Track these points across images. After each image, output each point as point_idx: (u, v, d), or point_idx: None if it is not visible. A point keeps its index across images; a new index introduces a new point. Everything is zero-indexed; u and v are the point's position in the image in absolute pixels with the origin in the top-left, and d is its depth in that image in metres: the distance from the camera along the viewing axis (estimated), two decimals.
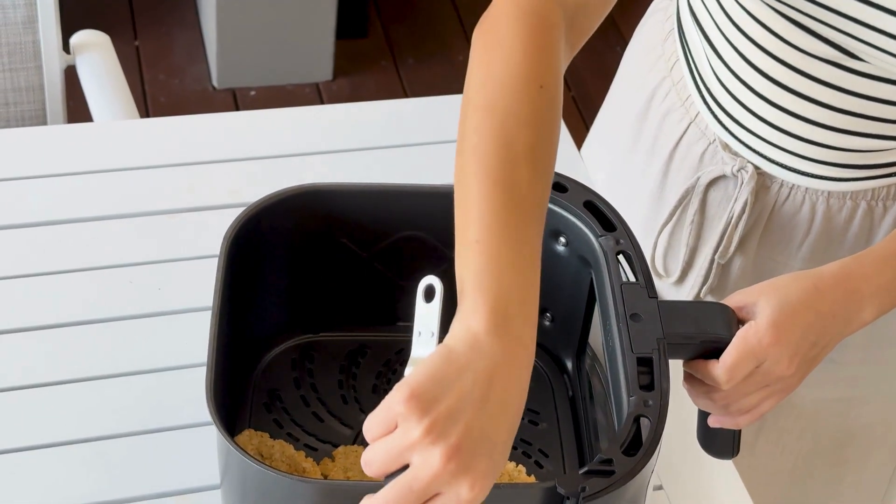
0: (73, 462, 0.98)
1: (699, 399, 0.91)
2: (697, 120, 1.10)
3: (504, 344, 0.74)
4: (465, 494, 0.71)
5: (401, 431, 0.71)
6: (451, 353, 0.73)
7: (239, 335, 0.97)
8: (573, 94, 2.74)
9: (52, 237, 1.15)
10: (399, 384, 0.72)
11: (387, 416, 0.72)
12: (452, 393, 0.72)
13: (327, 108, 1.38)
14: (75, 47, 1.57)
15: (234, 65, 2.60)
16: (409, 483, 0.71)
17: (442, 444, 0.70)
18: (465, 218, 0.79)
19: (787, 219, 1.08)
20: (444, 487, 0.71)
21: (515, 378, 0.75)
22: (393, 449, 0.71)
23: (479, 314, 0.75)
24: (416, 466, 0.71)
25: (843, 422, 1.19)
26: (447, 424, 0.71)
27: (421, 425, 0.70)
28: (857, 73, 0.96)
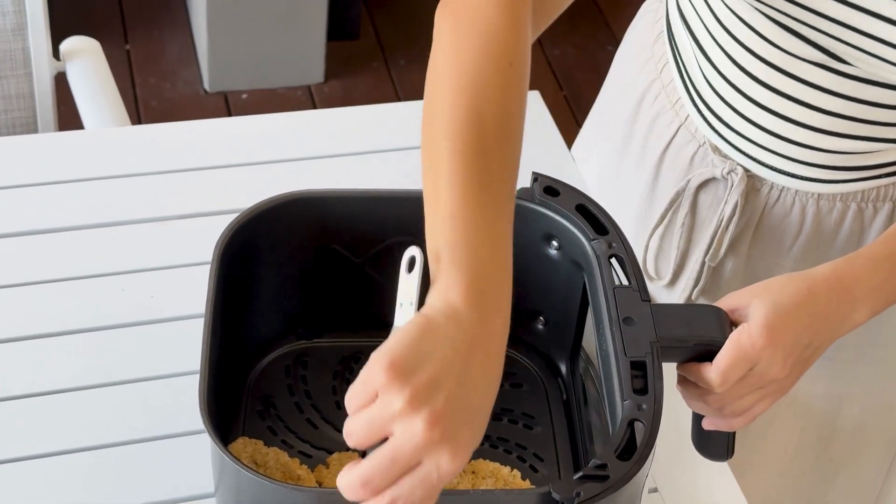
0: (67, 472, 0.98)
1: (693, 402, 0.91)
2: (687, 123, 1.10)
3: (482, 315, 0.74)
4: (446, 465, 0.70)
5: (382, 402, 0.70)
6: (430, 323, 0.73)
7: (232, 342, 0.97)
8: (565, 94, 2.74)
9: (44, 246, 1.15)
10: (377, 354, 0.71)
11: (366, 388, 0.71)
12: (432, 362, 0.71)
13: (319, 112, 1.37)
14: (65, 54, 1.57)
15: (226, 68, 2.60)
16: (392, 453, 0.70)
17: (424, 413, 0.69)
18: (435, 190, 0.79)
19: (777, 221, 1.08)
20: (425, 457, 0.70)
21: (494, 349, 0.75)
22: (375, 420, 0.70)
23: (456, 289, 0.75)
24: (398, 436, 0.70)
25: (833, 419, 1.19)
26: (429, 393, 0.70)
27: (402, 395, 0.69)
28: (844, 76, 0.96)
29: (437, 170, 0.79)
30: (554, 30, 3.17)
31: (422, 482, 0.71)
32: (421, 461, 0.70)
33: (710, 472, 1.03)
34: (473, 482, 0.93)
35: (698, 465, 1.01)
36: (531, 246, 0.98)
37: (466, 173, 0.78)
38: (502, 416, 1.00)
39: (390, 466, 0.70)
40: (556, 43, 2.85)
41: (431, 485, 0.71)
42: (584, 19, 2.87)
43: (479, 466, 0.94)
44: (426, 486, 0.71)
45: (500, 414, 1.01)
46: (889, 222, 1.06)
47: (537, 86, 1.55)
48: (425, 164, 0.81)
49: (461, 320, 0.73)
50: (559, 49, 2.83)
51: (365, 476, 0.70)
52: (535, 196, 0.96)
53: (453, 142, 0.79)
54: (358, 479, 0.70)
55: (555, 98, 2.70)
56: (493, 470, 0.94)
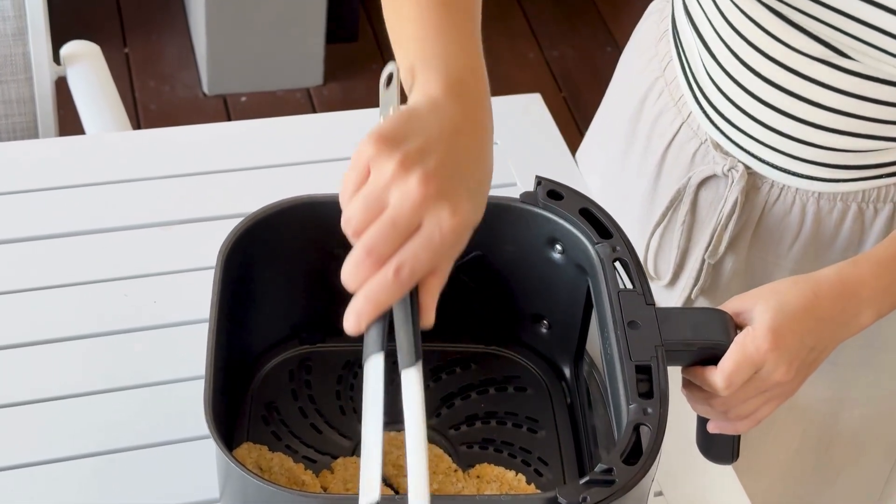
0: (71, 478, 0.98)
1: (698, 405, 0.91)
2: (690, 120, 1.10)
3: (464, 106, 0.74)
4: (447, 221, 0.69)
5: (374, 173, 0.69)
6: (412, 108, 0.73)
7: (236, 347, 0.97)
8: (564, 95, 2.73)
9: (46, 251, 1.14)
10: (365, 136, 0.71)
11: (358, 167, 0.69)
12: (421, 134, 0.71)
13: (321, 116, 1.38)
14: (66, 58, 1.57)
15: (225, 71, 2.59)
16: (391, 217, 0.68)
17: (418, 170, 0.68)
18: (400, 24, 0.79)
19: (777, 220, 1.08)
20: (425, 216, 0.69)
21: (479, 137, 0.74)
22: (370, 194, 0.69)
23: (434, 83, 0.75)
24: (395, 200, 0.68)
25: (833, 422, 1.19)
26: (420, 157, 0.69)
27: (393, 160, 0.68)
28: (848, 73, 0.96)
29: (400, 8, 0.80)
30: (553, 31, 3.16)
31: (425, 243, 0.69)
32: (421, 222, 0.69)
33: (715, 475, 1.03)
34: (478, 487, 0.93)
35: (703, 469, 1.01)
36: (535, 250, 0.98)
37: (429, 5, 0.78)
38: (506, 420, 1.00)
39: (391, 230, 0.68)
40: (555, 45, 2.85)
41: (435, 245, 0.69)
42: (583, 21, 2.87)
43: (484, 471, 0.94)
44: (431, 247, 0.69)
45: (504, 418, 1.00)
46: (889, 224, 1.06)
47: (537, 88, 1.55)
48: (387, 8, 0.81)
49: (444, 109, 0.73)
50: (558, 51, 2.83)
51: (368, 245, 0.68)
52: (538, 200, 0.96)
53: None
54: (362, 249, 0.68)
55: (554, 100, 2.70)
56: (498, 474, 0.94)
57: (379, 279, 0.69)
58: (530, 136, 1.31)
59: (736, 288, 1.13)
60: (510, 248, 0.99)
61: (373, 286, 0.69)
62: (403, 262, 0.68)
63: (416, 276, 0.69)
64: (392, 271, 0.68)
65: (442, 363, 1.03)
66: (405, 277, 0.69)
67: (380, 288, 0.69)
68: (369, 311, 0.70)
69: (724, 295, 1.14)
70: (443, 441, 0.98)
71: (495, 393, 1.02)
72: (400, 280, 0.69)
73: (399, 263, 0.68)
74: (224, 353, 0.91)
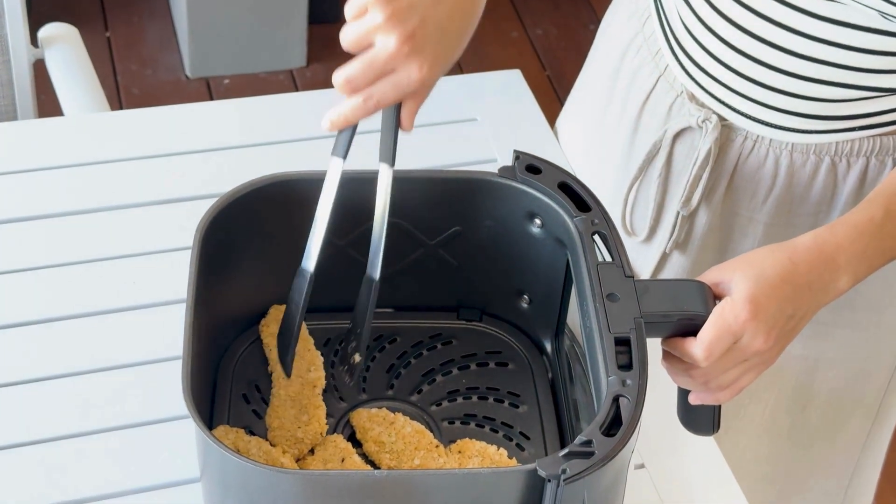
0: (51, 459, 0.97)
1: (678, 377, 0.90)
2: (666, 73, 1.11)
3: None
4: (415, 74, 0.86)
5: (369, 15, 0.86)
6: None
7: (214, 327, 0.96)
8: (548, 74, 2.73)
9: (24, 233, 1.14)
10: None
11: (358, 5, 0.86)
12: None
13: (302, 95, 1.37)
14: (43, 41, 1.56)
15: (207, 53, 2.58)
16: (371, 58, 0.86)
17: (399, 29, 0.85)
18: None
19: (751, 172, 1.09)
20: (398, 65, 0.86)
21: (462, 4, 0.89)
22: (361, 28, 0.86)
23: None
24: (377, 47, 0.86)
25: (808, 382, 1.19)
26: (407, 14, 0.85)
27: (384, 12, 0.85)
28: (822, 19, 0.97)
29: None
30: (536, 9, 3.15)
31: (394, 85, 0.87)
32: (395, 69, 0.86)
33: (696, 447, 1.03)
34: (460, 462, 0.93)
35: (684, 441, 1.01)
36: (514, 224, 0.98)
37: None
38: (488, 396, 1.00)
39: (368, 68, 0.86)
40: (539, 22, 2.84)
41: (402, 88, 0.87)
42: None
43: (466, 446, 0.94)
44: (397, 89, 0.87)
45: (486, 393, 1.00)
46: (862, 178, 1.06)
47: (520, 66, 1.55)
48: None
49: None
50: (541, 29, 2.83)
51: (347, 74, 0.86)
52: (517, 174, 0.96)
53: None
54: (342, 76, 0.86)
55: (538, 78, 2.69)
56: (480, 449, 0.94)
57: (352, 102, 0.88)
58: (510, 111, 1.31)
59: (711, 243, 1.14)
60: (489, 223, 0.99)
61: (346, 105, 0.88)
62: (372, 94, 0.87)
63: (381, 106, 0.88)
64: (363, 98, 0.87)
65: (423, 339, 1.03)
66: (371, 106, 0.88)
67: (350, 108, 0.88)
68: (340, 123, 0.89)
69: (699, 251, 1.14)
70: (424, 417, 0.98)
71: (476, 368, 1.02)
72: (367, 107, 0.88)
73: (368, 94, 0.87)
74: (202, 333, 0.90)
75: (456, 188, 0.98)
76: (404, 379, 1.01)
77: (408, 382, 1.00)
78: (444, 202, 0.99)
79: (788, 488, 1.29)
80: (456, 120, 1.28)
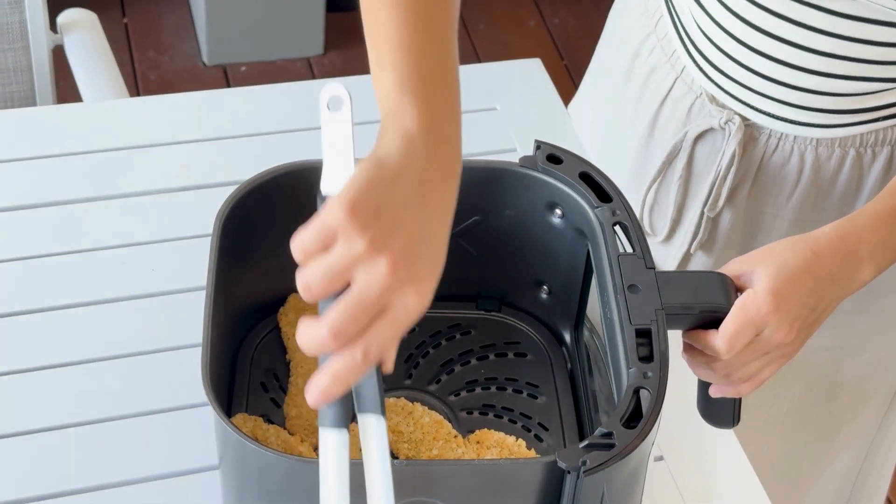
0: (69, 446, 0.98)
1: (699, 369, 0.90)
2: (683, 74, 1.10)
3: (436, 144, 0.74)
4: (413, 303, 0.70)
5: (343, 246, 0.68)
6: (384, 161, 0.72)
7: (234, 315, 0.96)
8: (566, 63, 2.72)
9: (43, 219, 1.14)
10: (334, 198, 0.69)
11: (325, 232, 0.69)
12: (391, 202, 0.70)
13: (319, 82, 1.36)
14: (62, 26, 1.56)
15: (224, 40, 2.58)
16: (359, 298, 0.68)
17: (387, 254, 0.68)
18: (379, 23, 0.79)
19: (776, 170, 1.08)
20: (391, 298, 0.69)
21: (450, 179, 0.75)
22: (336, 265, 0.68)
23: (409, 114, 0.74)
24: (363, 281, 0.68)
25: (834, 372, 1.19)
26: (390, 234, 0.69)
27: (364, 238, 0.68)
28: (839, 15, 0.96)
29: (377, 8, 0.79)
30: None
31: (391, 324, 0.70)
32: (387, 304, 0.69)
33: (716, 439, 1.02)
34: (478, 452, 0.93)
35: (704, 433, 1.00)
36: (534, 214, 0.97)
37: (408, 20, 0.78)
38: (507, 386, 1.00)
39: (359, 312, 0.68)
40: (556, 12, 2.83)
41: (401, 325, 0.70)
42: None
43: (484, 436, 0.94)
44: (396, 328, 0.70)
45: (505, 384, 1.00)
46: (888, 167, 1.06)
47: (538, 55, 1.54)
48: (365, 6, 0.81)
49: (415, 150, 0.73)
50: (559, 18, 2.82)
51: (336, 328, 0.68)
52: (538, 164, 0.95)
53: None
54: (328, 333, 0.68)
55: (556, 67, 2.69)
56: (498, 440, 0.94)
57: (346, 360, 0.69)
58: (530, 100, 1.30)
59: (735, 241, 1.13)
60: (509, 212, 0.98)
61: (340, 366, 0.69)
62: (370, 344, 0.69)
63: (382, 354, 0.70)
64: (360, 354, 0.69)
65: (441, 329, 1.03)
66: (372, 357, 0.70)
67: (347, 368, 0.69)
68: (336, 391, 0.70)
69: (722, 248, 1.14)
70: (443, 407, 0.98)
71: (495, 359, 1.02)
72: (367, 361, 0.70)
73: (367, 346, 0.69)
74: (221, 321, 0.90)
75: (476, 177, 0.98)
76: (423, 368, 1.00)
77: (426, 372, 1.00)
78: (463, 191, 0.98)
79: (810, 475, 1.29)
80: (475, 109, 1.28)
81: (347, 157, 0.74)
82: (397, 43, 0.77)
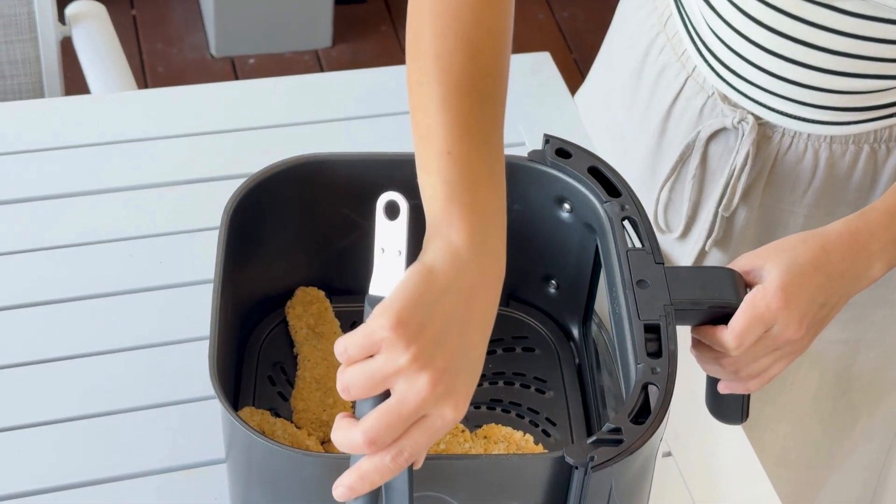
0: (77, 438, 0.97)
1: (708, 365, 0.90)
2: (695, 74, 1.09)
3: (482, 259, 0.75)
4: (450, 415, 0.71)
5: (386, 358, 0.70)
6: (432, 274, 0.72)
7: (241, 308, 0.96)
8: (574, 57, 2.71)
9: (51, 211, 1.14)
10: (381, 308, 0.71)
11: (370, 342, 0.70)
12: (437, 317, 0.71)
13: (327, 75, 1.36)
14: (71, 18, 1.56)
15: (233, 33, 2.58)
16: (398, 409, 0.70)
17: (429, 370, 0.70)
18: (427, 125, 0.78)
19: (790, 167, 1.08)
20: (429, 410, 0.71)
21: (493, 294, 0.76)
22: (377, 374, 0.70)
23: (457, 227, 0.74)
24: (403, 392, 0.70)
25: (849, 365, 1.19)
26: (433, 350, 0.70)
27: (408, 353, 0.70)
28: (850, 14, 0.96)
29: (427, 104, 0.78)
30: None
31: (426, 432, 0.72)
32: (427, 414, 0.71)
33: (725, 435, 1.02)
34: (486, 447, 0.93)
35: (712, 429, 1.00)
36: (543, 209, 0.97)
37: (460, 107, 0.78)
38: (514, 381, 1.00)
39: (397, 423, 0.70)
40: (565, 5, 2.83)
41: (435, 433, 0.72)
42: None
43: (492, 431, 0.94)
44: (430, 435, 0.72)
45: (513, 378, 1.00)
46: None
47: (547, 48, 1.54)
48: (413, 98, 0.80)
49: (462, 265, 0.73)
50: (568, 11, 2.81)
51: (371, 436, 0.70)
52: (546, 158, 0.95)
53: (444, 73, 0.78)
54: (363, 440, 0.70)
55: (564, 61, 2.68)
56: (506, 435, 0.93)
57: (376, 462, 0.71)
58: (539, 94, 1.30)
59: (750, 238, 1.13)
60: (518, 207, 0.98)
61: (369, 466, 0.71)
62: (403, 449, 0.71)
63: (413, 458, 0.72)
64: (391, 457, 0.71)
65: None
66: (403, 462, 0.72)
67: (375, 470, 0.71)
68: (362, 489, 0.72)
69: (737, 246, 1.13)
70: None
71: (503, 353, 1.02)
72: (398, 464, 0.71)
73: (399, 450, 0.71)
74: (229, 314, 0.90)
75: None
76: None
77: None
78: None
79: (831, 472, 1.29)
80: None
81: (399, 263, 0.74)
82: (445, 148, 0.77)
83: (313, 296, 1.01)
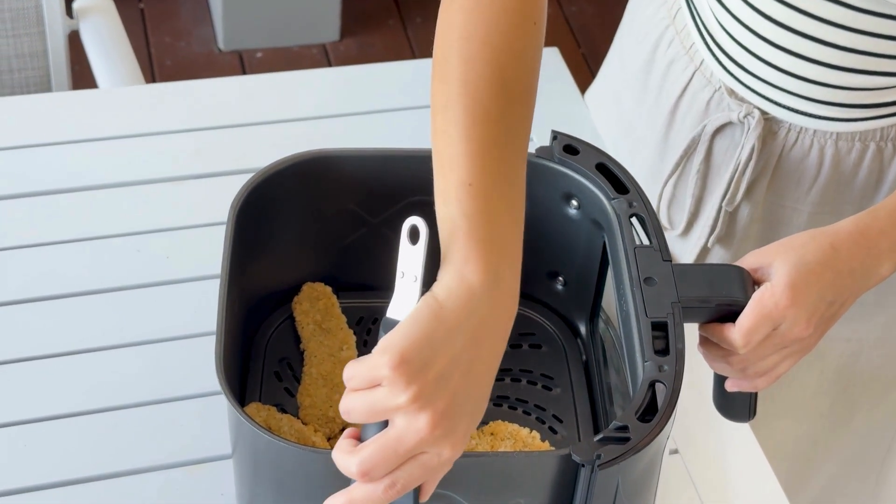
0: (83, 433, 0.97)
1: (715, 363, 0.89)
2: (702, 68, 1.09)
3: (495, 297, 0.74)
4: (447, 454, 0.71)
5: (386, 393, 0.70)
6: (442, 311, 0.72)
7: (248, 303, 0.96)
8: (583, 52, 2.71)
9: (58, 206, 1.14)
10: (386, 344, 0.70)
11: (372, 376, 0.70)
12: (442, 356, 0.71)
13: (335, 70, 1.36)
14: (78, 12, 1.56)
15: (240, 26, 2.58)
16: (395, 446, 0.70)
17: (429, 410, 0.70)
18: (450, 154, 0.77)
19: (795, 164, 1.07)
20: (427, 449, 0.71)
21: (502, 333, 0.75)
22: (377, 405, 0.70)
23: (473, 264, 0.73)
24: (402, 429, 0.70)
25: (852, 362, 1.18)
26: (435, 391, 0.70)
27: (409, 392, 0.69)
28: (862, 11, 0.95)
29: (451, 131, 0.77)
30: None
31: (422, 467, 0.72)
32: (424, 451, 0.71)
33: (732, 433, 1.02)
34: (492, 444, 0.93)
35: (719, 427, 1.00)
36: (550, 205, 0.97)
37: (485, 137, 0.76)
38: (521, 378, 0.99)
39: (393, 458, 0.71)
40: (574, 0, 2.82)
41: (431, 470, 0.72)
42: None
43: (498, 428, 0.94)
44: (425, 471, 0.72)
45: (519, 375, 1.00)
46: None
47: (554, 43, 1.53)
48: (437, 122, 0.79)
49: (474, 304, 0.72)
50: (576, 6, 2.81)
51: (365, 467, 0.70)
52: (554, 155, 0.95)
53: (472, 100, 0.77)
54: (357, 470, 0.71)
55: (573, 56, 2.68)
56: (512, 431, 0.93)
57: (368, 490, 0.71)
58: (547, 90, 1.28)
59: (753, 235, 1.13)
60: (525, 203, 0.98)
61: (360, 494, 0.72)
62: (396, 481, 0.71)
63: (405, 491, 0.72)
64: (383, 488, 0.71)
65: None
66: (394, 494, 0.72)
67: (366, 497, 0.72)
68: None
69: (741, 242, 1.13)
70: None
71: (510, 350, 1.01)
72: (388, 496, 0.71)
73: (392, 482, 0.71)
74: (235, 309, 0.90)
75: None
76: None
77: None
78: None
79: (827, 463, 1.29)
80: None
81: (415, 288, 0.74)
82: (466, 179, 0.75)
83: (320, 291, 1.01)
